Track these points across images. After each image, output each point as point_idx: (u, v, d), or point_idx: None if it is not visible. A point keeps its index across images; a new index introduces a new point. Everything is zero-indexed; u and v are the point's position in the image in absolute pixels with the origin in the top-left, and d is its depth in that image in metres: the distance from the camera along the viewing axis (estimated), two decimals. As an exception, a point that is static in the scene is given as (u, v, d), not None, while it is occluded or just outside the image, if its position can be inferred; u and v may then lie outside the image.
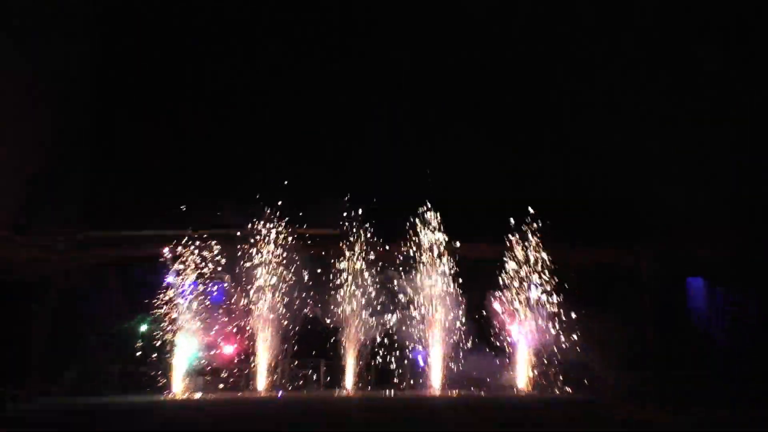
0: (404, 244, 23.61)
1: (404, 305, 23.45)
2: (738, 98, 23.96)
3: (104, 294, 25.18)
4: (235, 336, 23.49)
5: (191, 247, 23.31)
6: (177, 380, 23.06)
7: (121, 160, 27.51)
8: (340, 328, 23.53)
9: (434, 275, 23.45)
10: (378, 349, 23.72)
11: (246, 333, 23.37)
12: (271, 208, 23.73)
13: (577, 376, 22.53)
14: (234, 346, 23.54)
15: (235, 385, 23.52)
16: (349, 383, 23.48)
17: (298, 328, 23.50)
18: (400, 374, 23.82)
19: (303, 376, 24.48)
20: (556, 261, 22.87)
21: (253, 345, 23.34)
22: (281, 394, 22.72)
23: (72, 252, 24.66)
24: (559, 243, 22.95)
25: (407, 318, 23.39)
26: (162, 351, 23.06)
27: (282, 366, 24.11)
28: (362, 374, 23.77)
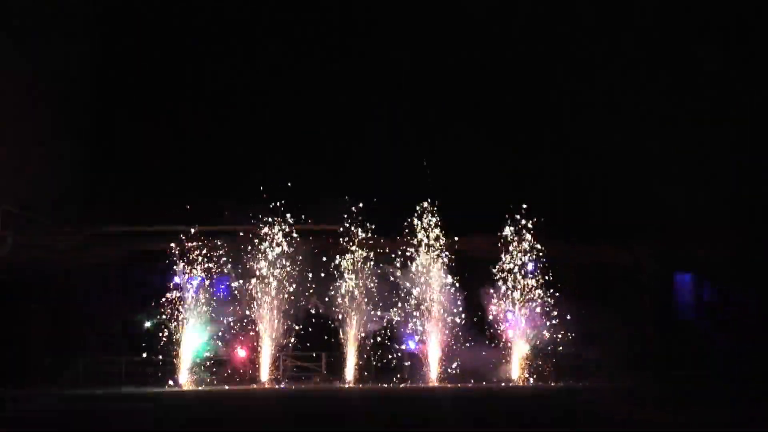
0: (404, 240, 23.78)
1: (404, 299, 23.62)
2: (737, 98, 24.11)
3: (104, 293, 25.19)
4: (247, 340, 23.64)
5: (196, 244, 23.39)
6: (182, 373, 23.12)
7: (123, 159, 27.76)
8: (342, 322, 23.69)
9: (433, 270, 23.62)
10: (378, 343, 23.89)
11: (255, 334, 23.53)
12: (274, 206, 23.80)
13: (572, 369, 22.83)
14: (245, 352, 23.68)
15: (240, 378, 23.58)
16: (350, 376, 23.66)
17: (300, 322, 23.68)
18: (400, 367, 23.96)
19: (305, 369, 24.66)
20: (555, 258, 23.00)
21: (258, 340, 23.49)
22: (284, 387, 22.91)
23: (73, 251, 24.70)
24: (557, 240, 23.12)
25: (406, 311, 23.59)
26: (168, 345, 23.10)
27: (284, 359, 24.28)
28: (363, 367, 23.88)
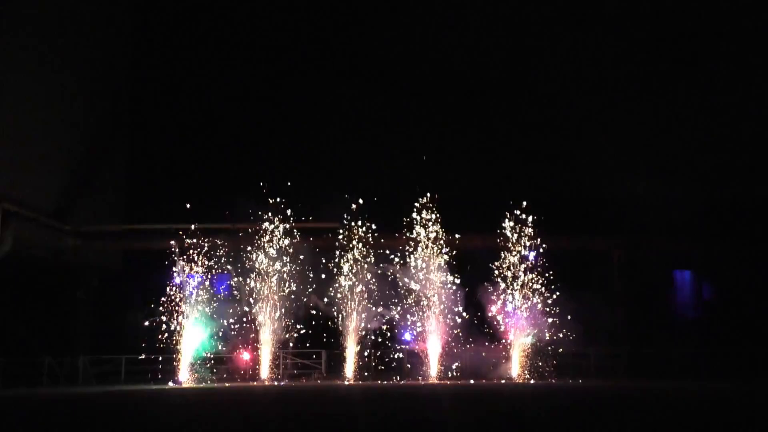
0: (403, 238, 24.23)
1: (403, 296, 23.94)
2: (711, 99, 26.45)
3: (104, 291, 26.18)
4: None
5: (197, 242, 23.58)
6: (183, 372, 23.42)
7: (123, 158, 28.51)
8: (341, 319, 23.94)
9: (432, 267, 24.02)
10: (378, 341, 24.32)
11: (255, 334, 23.77)
12: (274, 203, 24.21)
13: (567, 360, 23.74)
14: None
15: (241, 376, 24.10)
16: (350, 374, 23.93)
17: (300, 321, 23.97)
18: (399, 365, 24.49)
19: (304, 366, 24.96)
20: (550, 250, 24.10)
21: (258, 339, 23.79)
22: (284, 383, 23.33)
23: (72, 249, 24.98)
24: (552, 234, 24.37)
25: (406, 308, 23.94)
26: (168, 344, 23.30)
27: (284, 356, 24.68)
28: (363, 364, 24.24)
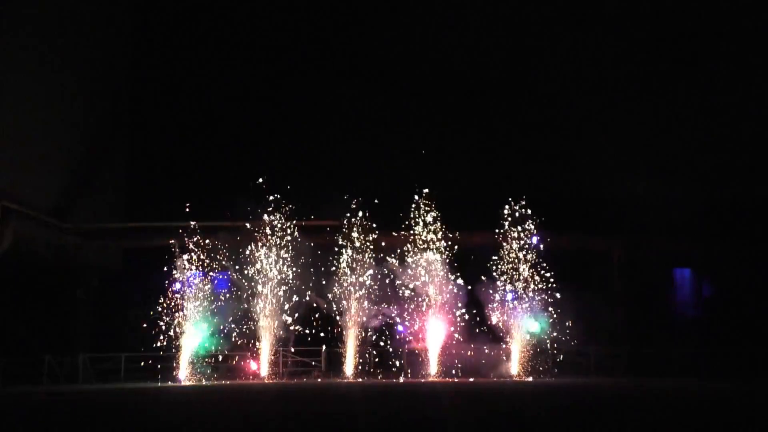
0: (403, 235, 24.26)
1: (403, 294, 23.91)
2: (711, 99, 26.45)
3: (104, 289, 26.20)
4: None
5: (197, 240, 23.54)
6: (183, 370, 23.45)
7: (124, 156, 28.48)
8: (341, 317, 23.97)
9: (431, 264, 23.99)
10: (378, 338, 24.32)
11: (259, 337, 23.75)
12: (275, 201, 24.19)
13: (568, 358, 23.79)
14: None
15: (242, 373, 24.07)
16: (349, 371, 23.94)
17: (300, 318, 23.94)
18: (400, 362, 24.42)
19: (304, 364, 24.86)
20: (550, 248, 24.13)
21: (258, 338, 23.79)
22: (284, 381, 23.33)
23: (72, 247, 25.04)
24: (548, 232, 24.47)
25: (405, 306, 23.93)
26: (168, 342, 23.32)
27: (284, 354, 24.61)
28: (362, 362, 24.23)
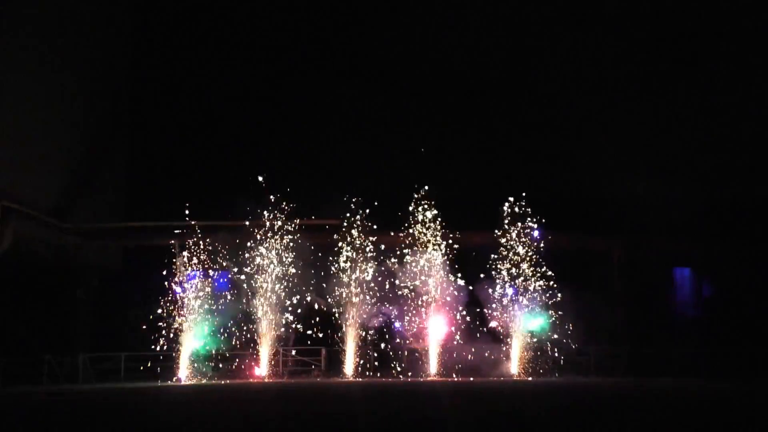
0: (403, 234, 24.30)
1: (402, 293, 23.95)
2: (711, 99, 26.54)
3: (104, 289, 26.23)
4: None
5: (197, 239, 23.60)
6: (183, 369, 23.49)
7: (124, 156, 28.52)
8: (341, 316, 23.99)
9: (431, 264, 24.04)
10: (377, 337, 24.33)
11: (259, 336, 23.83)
12: (275, 200, 24.23)
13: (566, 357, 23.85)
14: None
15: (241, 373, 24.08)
16: (350, 370, 23.98)
17: (300, 317, 23.99)
18: (399, 361, 24.37)
19: (304, 364, 24.91)
20: (545, 247, 24.12)
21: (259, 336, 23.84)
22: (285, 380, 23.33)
23: (72, 247, 25.01)
24: (548, 232, 24.43)
25: (405, 305, 23.99)
26: (168, 341, 23.33)
27: (283, 353, 24.67)
28: (362, 361, 24.24)
